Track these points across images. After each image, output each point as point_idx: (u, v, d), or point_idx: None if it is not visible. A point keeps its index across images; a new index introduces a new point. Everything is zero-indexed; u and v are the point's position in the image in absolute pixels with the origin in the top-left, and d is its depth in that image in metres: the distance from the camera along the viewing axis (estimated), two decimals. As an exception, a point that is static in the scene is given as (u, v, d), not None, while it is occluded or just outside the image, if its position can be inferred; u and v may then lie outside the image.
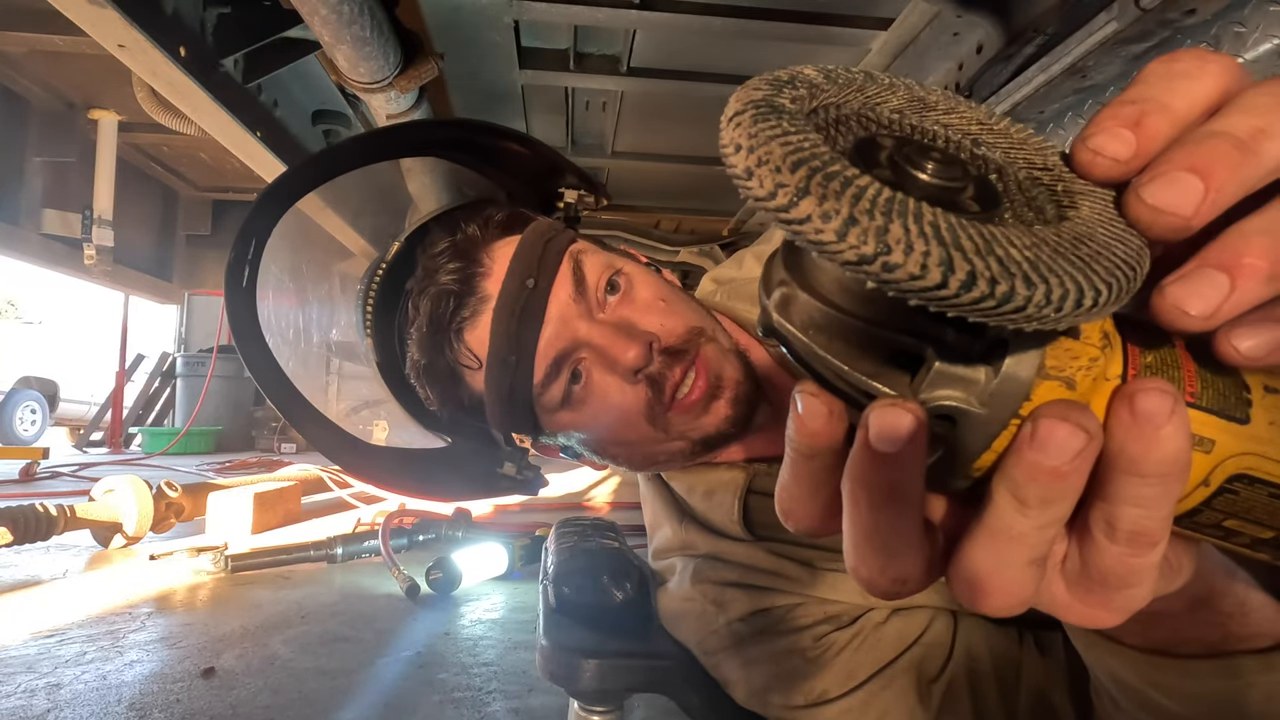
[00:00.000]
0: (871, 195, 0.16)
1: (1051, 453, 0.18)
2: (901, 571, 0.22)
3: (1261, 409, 0.22)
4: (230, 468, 4.73)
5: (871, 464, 0.20)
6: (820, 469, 0.22)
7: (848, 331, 0.20)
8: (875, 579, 0.22)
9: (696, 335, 0.60)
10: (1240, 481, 0.22)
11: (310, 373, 0.68)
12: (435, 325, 0.62)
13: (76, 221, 4.01)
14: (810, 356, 0.21)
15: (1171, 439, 0.19)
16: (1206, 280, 0.19)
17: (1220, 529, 0.23)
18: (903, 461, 0.19)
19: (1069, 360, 0.20)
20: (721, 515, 0.64)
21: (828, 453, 0.22)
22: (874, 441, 0.19)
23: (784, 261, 0.21)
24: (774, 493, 0.24)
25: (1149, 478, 0.19)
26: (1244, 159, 0.19)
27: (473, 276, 0.61)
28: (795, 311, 0.21)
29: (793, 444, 0.22)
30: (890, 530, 0.21)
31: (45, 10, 1.22)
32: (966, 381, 0.20)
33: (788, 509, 0.24)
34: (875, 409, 0.19)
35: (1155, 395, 0.19)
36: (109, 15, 1.09)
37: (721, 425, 0.60)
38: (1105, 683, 0.35)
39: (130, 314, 6.47)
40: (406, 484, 0.71)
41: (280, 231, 0.65)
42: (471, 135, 0.72)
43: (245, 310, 0.63)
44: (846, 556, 0.22)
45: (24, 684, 1.40)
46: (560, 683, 0.63)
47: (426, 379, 0.65)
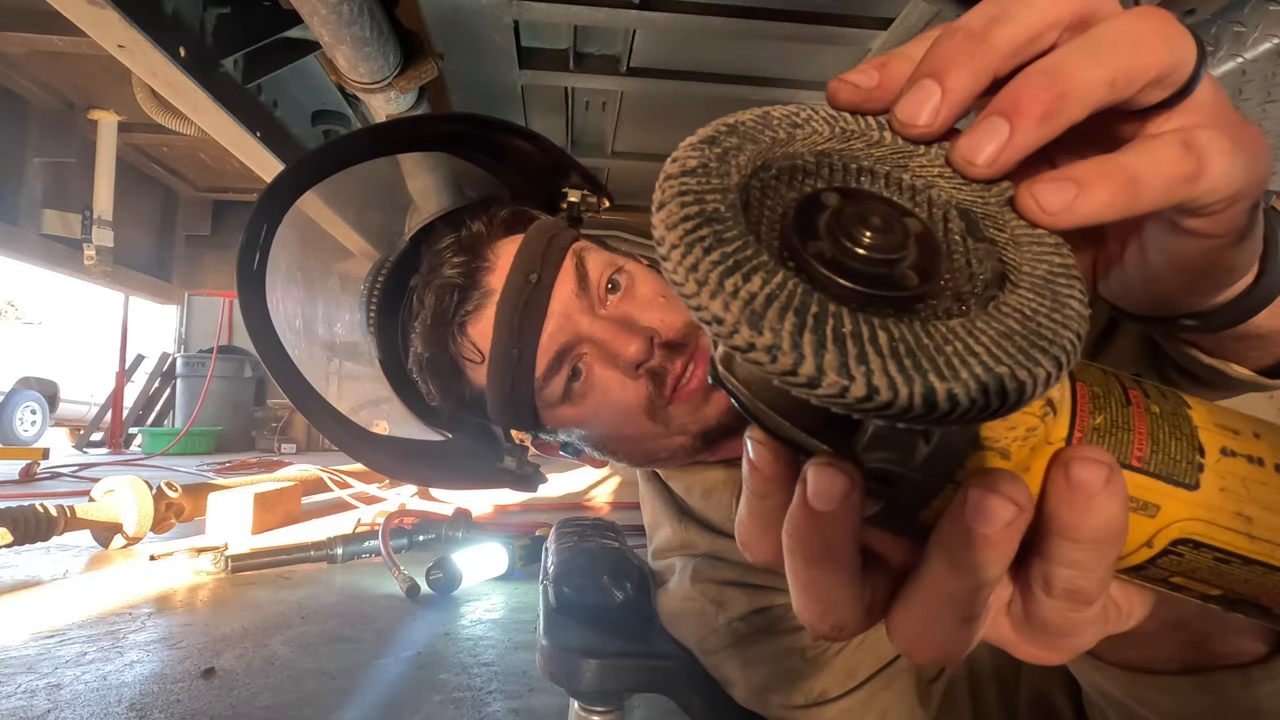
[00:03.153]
0: (784, 299, 0.16)
1: (982, 521, 0.19)
2: (838, 619, 0.22)
3: (1214, 473, 0.22)
4: (230, 468, 4.73)
5: (807, 521, 0.20)
6: (772, 509, 0.23)
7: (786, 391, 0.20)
8: (814, 624, 0.22)
9: (695, 329, 0.60)
10: (1185, 545, 0.22)
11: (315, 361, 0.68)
12: (439, 318, 0.62)
13: (76, 222, 4.01)
14: (754, 410, 0.21)
15: (1104, 508, 0.19)
16: (988, 128, 0.21)
17: (1167, 584, 0.23)
18: (837, 520, 0.20)
19: (1004, 431, 0.20)
20: (720, 514, 0.64)
21: (778, 494, 0.22)
22: (811, 499, 0.20)
23: None
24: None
25: (1082, 543, 0.20)
26: (976, 49, 0.21)
27: (477, 271, 0.61)
28: (737, 368, 0.21)
29: (747, 484, 0.23)
30: (825, 583, 0.21)
31: (45, 10, 1.22)
32: (903, 446, 0.20)
33: (745, 542, 0.24)
34: (812, 467, 0.20)
35: (1090, 465, 0.19)
36: (109, 16, 1.09)
37: (723, 416, 0.60)
38: (1093, 694, 0.35)
39: (130, 314, 6.47)
40: (404, 470, 0.71)
41: (282, 231, 0.65)
42: (480, 130, 0.72)
43: (255, 291, 0.63)
44: (792, 599, 0.23)
45: (24, 684, 1.40)
46: (561, 683, 0.63)
47: (429, 373, 0.65)
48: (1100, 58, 0.20)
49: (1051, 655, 0.23)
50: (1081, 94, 0.20)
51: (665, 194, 0.18)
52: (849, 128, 0.22)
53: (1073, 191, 0.20)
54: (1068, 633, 0.22)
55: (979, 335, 0.17)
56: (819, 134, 0.22)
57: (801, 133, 0.21)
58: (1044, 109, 0.20)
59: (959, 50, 0.21)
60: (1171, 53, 0.21)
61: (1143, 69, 0.21)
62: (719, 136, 0.20)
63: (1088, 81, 0.20)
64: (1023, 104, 0.20)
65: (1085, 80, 0.20)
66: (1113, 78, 0.20)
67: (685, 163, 0.19)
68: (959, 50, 0.21)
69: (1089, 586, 0.20)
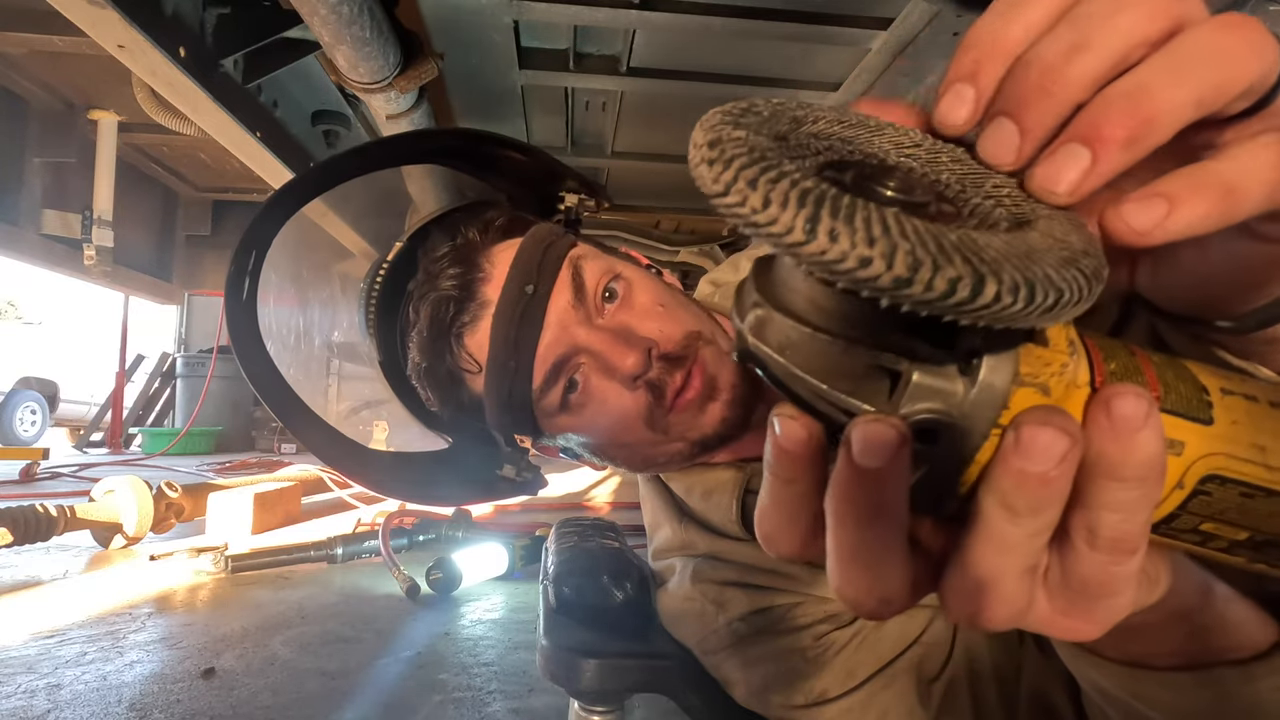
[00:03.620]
0: (846, 203, 0.17)
1: (1037, 459, 0.18)
2: (887, 590, 0.21)
3: (1222, 409, 0.22)
4: (230, 468, 4.73)
5: (856, 480, 0.20)
6: (800, 494, 0.22)
7: (824, 350, 0.20)
8: (861, 599, 0.22)
9: (694, 340, 0.60)
10: (1213, 482, 0.22)
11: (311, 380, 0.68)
12: (436, 330, 0.62)
13: (76, 222, 4.00)
14: (787, 378, 0.21)
15: (1148, 442, 0.19)
16: (1069, 155, 0.20)
17: (1197, 534, 0.23)
18: (887, 476, 0.19)
19: (1041, 367, 0.20)
20: (720, 515, 0.64)
21: (806, 477, 0.22)
22: (858, 457, 0.19)
23: (756, 285, 0.22)
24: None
25: (1128, 481, 0.19)
26: (1054, 85, 0.20)
27: (473, 282, 0.61)
28: (771, 333, 0.21)
29: (771, 469, 0.22)
30: (876, 548, 0.21)
31: (45, 10, 1.22)
32: (945, 394, 0.20)
33: (768, 534, 0.23)
34: (858, 424, 0.19)
35: (1131, 399, 0.19)
36: (109, 16, 1.09)
37: (718, 427, 0.60)
38: (1091, 693, 0.35)
39: (130, 314, 6.47)
40: (409, 489, 0.71)
41: (282, 234, 0.65)
42: (471, 144, 0.72)
43: (246, 323, 0.64)
44: (831, 577, 0.22)
45: (24, 684, 1.40)
46: (561, 683, 0.63)
47: (427, 381, 0.65)
48: (1188, 76, 0.20)
49: (1088, 627, 0.22)
50: (1168, 117, 0.20)
51: (717, 134, 0.18)
52: (850, 118, 0.22)
53: (1164, 208, 0.20)
54: (1108, 591, 0.21)
55: (1031, 245, 0.18)
56: (827, 119, 0.22)
57: (813, 116, 0.22)
58: (1128, 134, 0.20)
59: (1036, 88, 0.20)
60: (1260, 63, 0.20)
61: (1232, 84, 0.20)
62: (749, 107, 0.20)
63: (1174, 103, 0.20)
64: (1105, 131, 0.20)
65: (1172, 102, 0.20)
66: (1200, 97, 0.20)
67: (729, 113, 0.19)
68: (1036, 88, 0.20)
69: (1133, 532, 0.20)
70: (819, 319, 0.20)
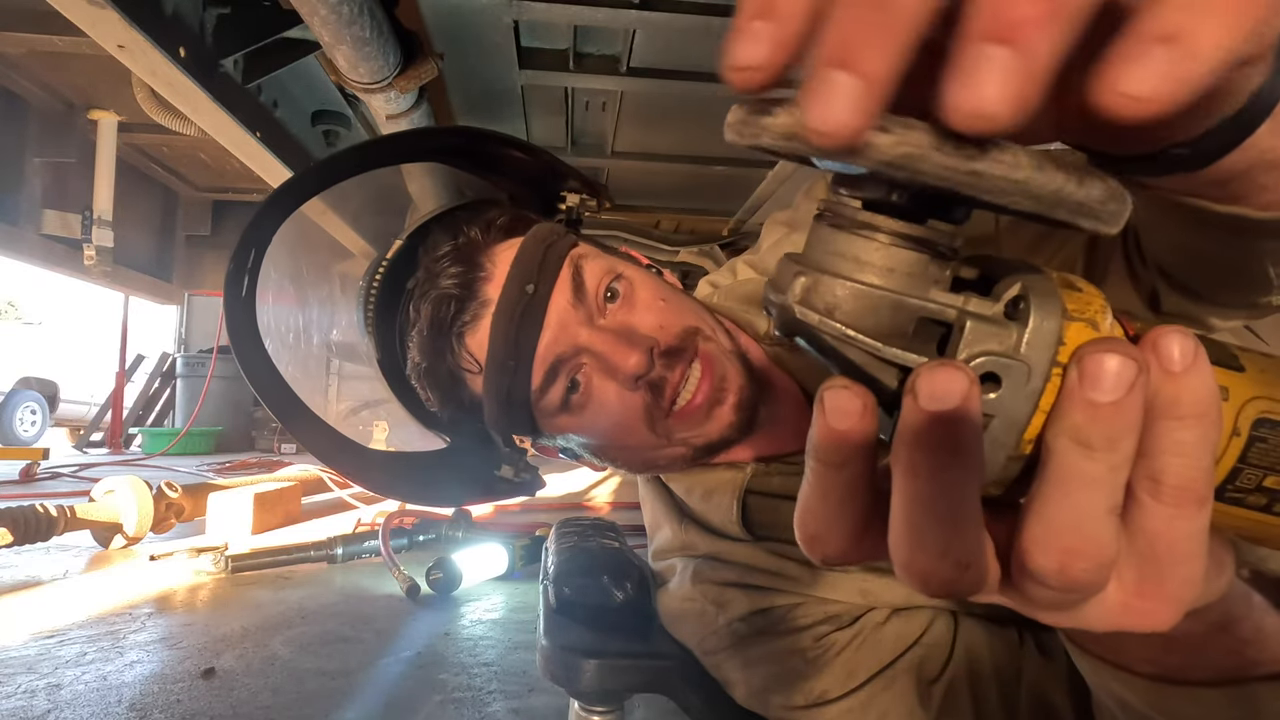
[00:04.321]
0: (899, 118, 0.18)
1: (1107, 387, 0.18)
2: (965, 550, 0.20)
3: (1248, 359, 0.22)
4: (230, 468, 4.73)
5: (928, 425, 0.18)
6: (851, 479, 0.21)
7: (874, 306, 0.20)
8: (935, 565, 0.20)
9: (693, 334, 0.60)
10: (1265, 427, 0.22)
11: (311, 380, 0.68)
12: (436, 329, 0.62)
13: (76, 222, 4.00)
14: (839, 341, 0.20)
15: (1201, 376, 0.19)
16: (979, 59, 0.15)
17: (1263, 493, 0.23)
18: (960, 418, 0.18)
19: (1084, 305, 0.20)
20: (720, 516, 0.64)
21: (859, 458, 0.20)
22: (926, 402, 0.18)
23: (793, 259, 0.22)
24: (774, 493, 0.23)
25: (1187, 419, 0.19)
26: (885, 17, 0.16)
27: (474, 281, 0.61)
28: (818, 296, 0.21)
29: (819, 455, 0.21)
30: (955, 496, 0.19)
31: (45, 10, 1.22)
32: (1000, 337, 0.20)
33: (815, 533, 0.22)
34: (924, 371, 0.19)
35: (1179, 336, 0.19)
36: (109, 16, 1.09)
37: (725, 431, 0.60)
38: (1111, 706, 0.35)
39: (130, 314, 6.47)
40: (407, 489, 0.71)
41: (281, 234, 0.65)
42: (472, 143, 0.72)
43: (245, 321, 0.64)
44: (898, 551, 0.20)
45: (24, 684, 1.40)
46: (561, 683, 0.63)
47: (427, 381, 0.65)
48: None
49: (1162, 606, 0.21)
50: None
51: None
52: None
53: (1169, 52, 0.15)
54: (1180, 555, 0.20)
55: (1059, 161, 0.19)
56: None
57: None
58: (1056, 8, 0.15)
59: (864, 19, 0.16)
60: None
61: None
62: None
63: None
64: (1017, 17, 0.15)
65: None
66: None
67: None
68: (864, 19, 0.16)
69: (1198, 478, 0.19)
70: (866, 275, 0.20)
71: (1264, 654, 0.29)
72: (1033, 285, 0.20)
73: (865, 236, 0.20)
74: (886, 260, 0.20)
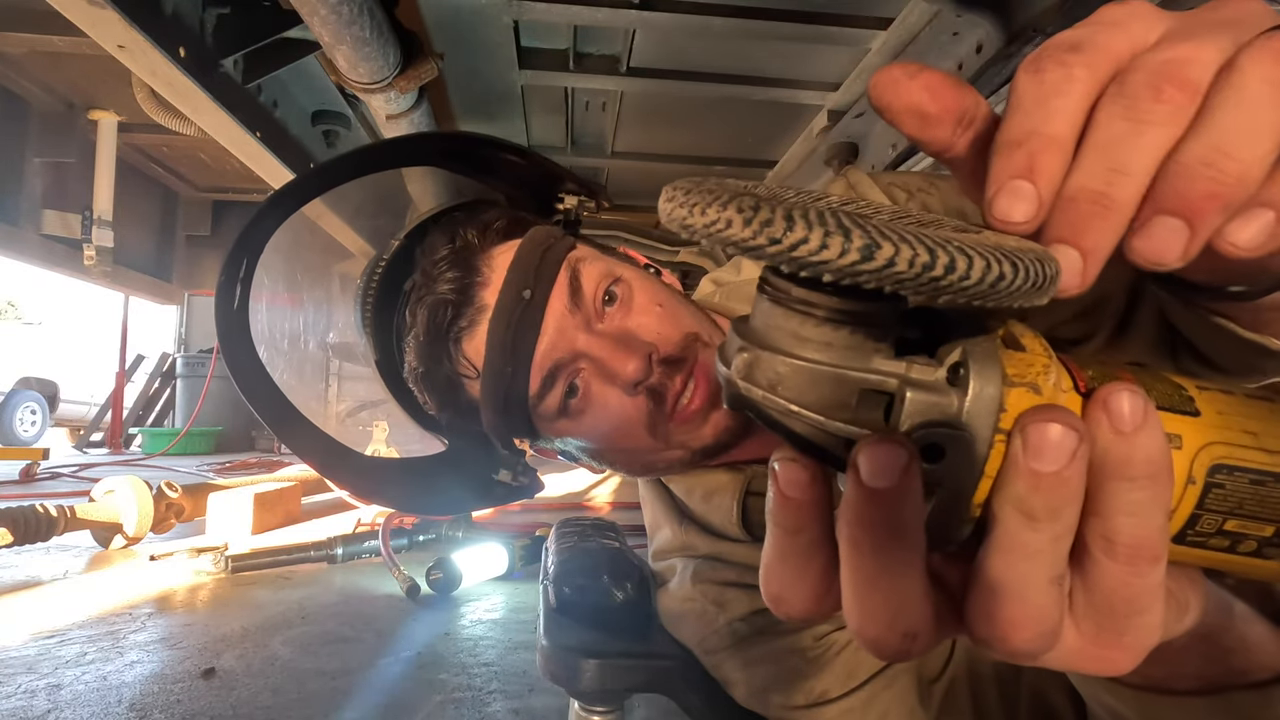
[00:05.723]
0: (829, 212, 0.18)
1: (1048, 457, 0.18)
2: (910, 622, 0.20)
3: (1204, 402, 0.22)
4: (230, 468, 4.73)
5: (869, 502, 0.19)
6: (807, 544, 0.21)
7: (815, 380, 0.20)
8: (883, 635, 0.20)
9: (693, 341, 0.59)
10: (1221, 473, 0.22)
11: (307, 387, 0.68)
12: (433, 334, 0.62)
13: (76, 222, 4.00)
14: (783, 415, 0.21)
15: (1152, 435, 0.19)
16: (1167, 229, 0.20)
17: (1224, 536, 0.23)
18: (900, 495, 0.19)
19: (1025, 368, 0.20)
20: (720, 517, 0.64)
21: (813, 524, 0.21)
22: (868, 479, 0.19)
23: (737, 332, 0.22)
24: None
25: (1139, 480, 0.19)
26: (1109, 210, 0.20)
27: (470, 286, 0.61)
28: (760, 373, 0.21)
29: (775, 520, 0.22)
30: (895, 572, 0.20)
31: (45, 10, 1.22)
32: (941, 406, 0.20)
33: (779, 593, 0.22)
34: (864, 446, 0.19)
35: (1127, 394, 0.19)
36: (109, 16, 1.09)
37: (720, 435, 0.59)
38: (1103, 716, 0.35)
39: (130, 314, 6.47)
40: (409, 498, 0.71)
41: (279, 236, 0.65)
42: (470, 148, 0.72)
43: (238, 330, 0.64)
44: (850, 618, 0.21)
45: (24, 685, 1.40)
46: (561, 683, 0.63)
47: (424, 385, 0.65)
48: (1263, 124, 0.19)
49: (1120, 655, 0.21)
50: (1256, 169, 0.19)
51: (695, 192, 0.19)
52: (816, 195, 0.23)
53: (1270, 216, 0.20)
54: (1135, 608, 0.20)
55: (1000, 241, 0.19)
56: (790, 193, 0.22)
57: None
58: (1222, 203, 0.19)
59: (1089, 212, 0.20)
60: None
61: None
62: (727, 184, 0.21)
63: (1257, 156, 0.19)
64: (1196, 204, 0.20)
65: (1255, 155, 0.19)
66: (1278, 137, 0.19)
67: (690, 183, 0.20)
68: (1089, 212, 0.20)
69: (1151, 536, 0.20)
70: (806, 350, 0.20)
71: (1249, 662, 0.29)
72: (972, 350, 0.20)
73: (803, 313, 0.20)
74: (824, 336, 0.20)
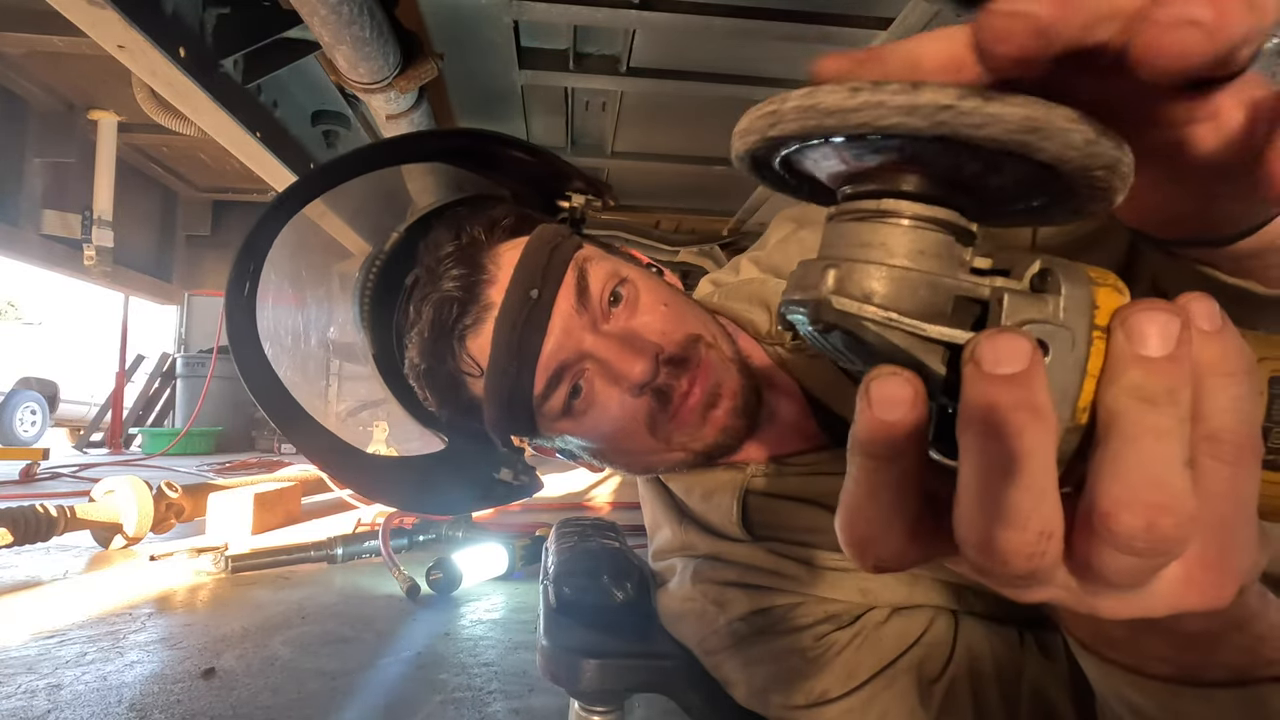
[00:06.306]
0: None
1: (1157, 342, 0.18)
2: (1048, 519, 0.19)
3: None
4: (230, 468, 4.73)
5: (999, 391, 0.18)
6: (903, 474, 0.20)
7: (913, 287, 0.20)
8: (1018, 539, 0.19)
9: (696, 341, 0.59)
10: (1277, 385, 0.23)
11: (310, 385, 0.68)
12: (437, 332, 0.61)
13: (76, 222, 4.00)
14: (883, 326, 0.20)
15: (1235, 334, 0.19)
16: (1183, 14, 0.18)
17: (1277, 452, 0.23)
18: (1032, 379, 0.18)
19: (1104, 274, 0.20)
20: (720, 516, 0.64)
21: (913, 449, 0.20)
22: (991, 367, 0.18)
23: (814, 261, 0.22)
24: (774, 494, 0.23)
25: (1236, 374, 0.19)
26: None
27: (476, 284, 0.60)
28: (853, 285, 0.20)
29: (867, 449, 0.20)
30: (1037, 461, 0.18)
31: (45, 11, 1.22)
32: (1038, 307, 0.20)
33: (867, 535, 0.21)
34: (983, 339, 0.19)
35: (1206, 300, 0.19)
36: (109, 16, 1.09)
37: (720, 436, 0.59)
38: (1119, 711, 0.34)
39: (130, 314, 6.47)
40: (409, 496, 0.71)
41: (283, 238, 0.65)
42: (475, 144, 0.72)
43: (245, 327, 0.64)
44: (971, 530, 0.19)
45: (24, 685, 1.40)
46: (561, 683, 0.63)
47: (426, 382, 0.65)
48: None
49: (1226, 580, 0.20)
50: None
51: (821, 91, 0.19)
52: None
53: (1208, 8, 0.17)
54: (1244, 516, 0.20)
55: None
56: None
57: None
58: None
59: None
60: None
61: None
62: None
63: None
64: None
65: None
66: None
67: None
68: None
69: (1253, 431, 0.20)
70: (898, 259, 0.20)
71: (1277, 652, 0.29)
72: (1051, 260, 0.20)
73: (889, 223, 0.21)
74: (915, 243, 0.20)
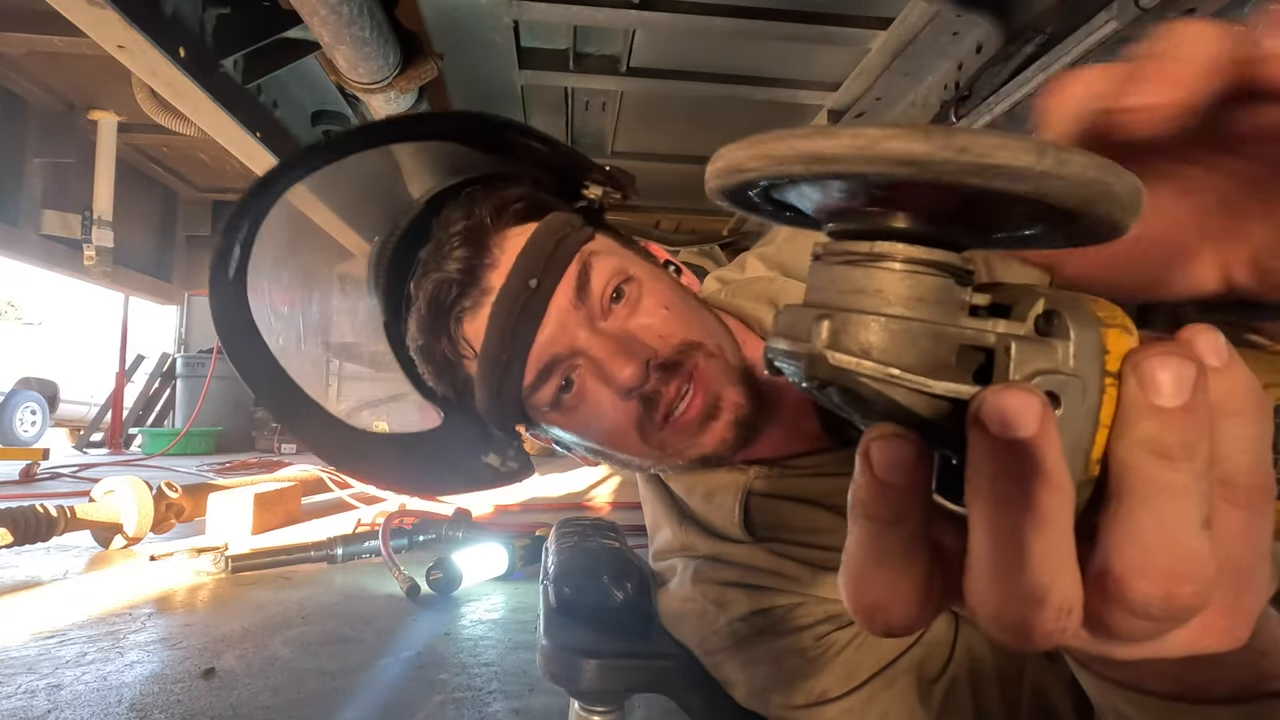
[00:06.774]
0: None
1: (1172, 391, 0.17)
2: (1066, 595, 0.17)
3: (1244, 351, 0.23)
4: (230, 468, 4.73)
5: (1007, 454, 0.17)
6: (908, 537, 0.19)
7: (914, 340, 0.18)
8: (1032, 614, 0.17)
9: (693, 349, 0.58)
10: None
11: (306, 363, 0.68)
12: (435, 310, 0.61)
13: (76, 222, 4.00)
14: (881, 384, 0.18)
15: (1243, 368, 0.19)
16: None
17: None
18: (1043, 441, 0.17)
19: (1111, 312, 0.19)
20: (721, 517, 0.63)
21: (916, 511, 0.19)
22: (999, 430, 0.17)
23: (802, 306, 0.20)
24: (776, 495, 0.23)
25: (1247, 413, 0.18)
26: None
27: (478, 267, 0.60)
28: (850, 339, 0.19)
29: (869, 513, 0.19)
30: (1052, 532, 0.17)
31: (45, 11, 1.22)
32: (1046, 355, 0.18)
33: (875, 602, 0.20)
34: (988, 397, 0.17)
35: (1211, 332, 0.18)
36: (109, 16, 1.09)
37: (719, 447, 0.59)
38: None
39: (130, 315, 6.47)
40: (403, 477, 0.70)
41: (271, 231, 0.64)
42: (491, 130, 0.69)
43: (233, 303, 0.63)
44: (984, 602, 0.18)
45: (24, 685, 1.40)
46: (561, 683, 0.63)
47: (423, 358, 0.65)
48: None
49: (1240, 621, 0.20)
50: None
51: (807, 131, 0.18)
52: None
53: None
54: (1259, 557, 0.19)
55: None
56: None
57: None
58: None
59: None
60: None
61: None
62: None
63: None
64: None
65: None
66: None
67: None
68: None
69: (1266, 470, 0.19)
70: (895, 309, 0.19)
71: (1277, 667, 0.28)
72: (1056, 299, 0.19)
73: (883, 268, 0.19)
74: (912, 289, 0.18)
